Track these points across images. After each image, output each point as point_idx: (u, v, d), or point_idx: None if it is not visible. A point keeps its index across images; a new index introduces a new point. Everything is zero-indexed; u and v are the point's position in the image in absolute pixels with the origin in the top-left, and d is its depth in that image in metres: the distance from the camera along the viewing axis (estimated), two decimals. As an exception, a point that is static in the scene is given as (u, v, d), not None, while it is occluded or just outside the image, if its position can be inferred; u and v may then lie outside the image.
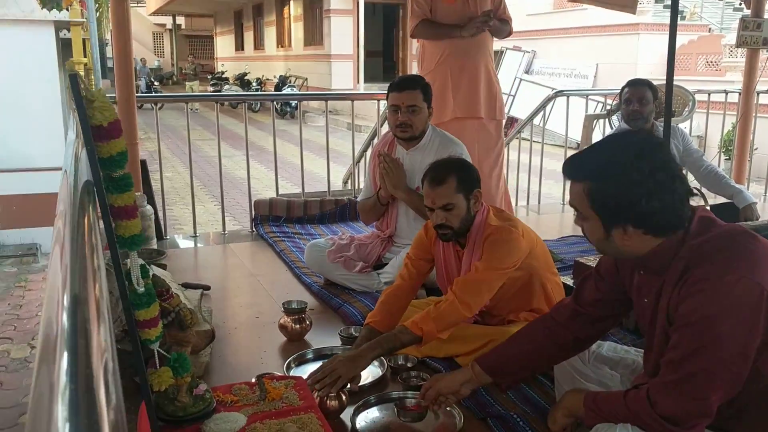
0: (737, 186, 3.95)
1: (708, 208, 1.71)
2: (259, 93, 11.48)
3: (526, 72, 15.69)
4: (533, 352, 1.95)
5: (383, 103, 4.96)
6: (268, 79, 21.15)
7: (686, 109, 5.23)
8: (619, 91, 3.88)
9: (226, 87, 20.25)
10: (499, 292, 2.42)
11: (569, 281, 3.15)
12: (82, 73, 7.46)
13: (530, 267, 2.53)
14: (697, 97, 5.64)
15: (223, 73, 23.83)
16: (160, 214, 4.53)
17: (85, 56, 8.03)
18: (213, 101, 4.64)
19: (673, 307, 1.56)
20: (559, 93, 5.53)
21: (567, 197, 5.35)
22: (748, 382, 1.50)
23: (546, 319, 1.99)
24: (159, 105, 4.55)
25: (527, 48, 16.00)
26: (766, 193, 5.99)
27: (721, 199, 4.06)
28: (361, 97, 5.67)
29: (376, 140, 5.10)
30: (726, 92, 6.02)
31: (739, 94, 5.62)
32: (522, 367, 1.99)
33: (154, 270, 2.95)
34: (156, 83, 21.96)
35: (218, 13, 32.41)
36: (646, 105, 3.73)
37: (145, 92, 19.51)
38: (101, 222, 1.40)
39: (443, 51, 4.02)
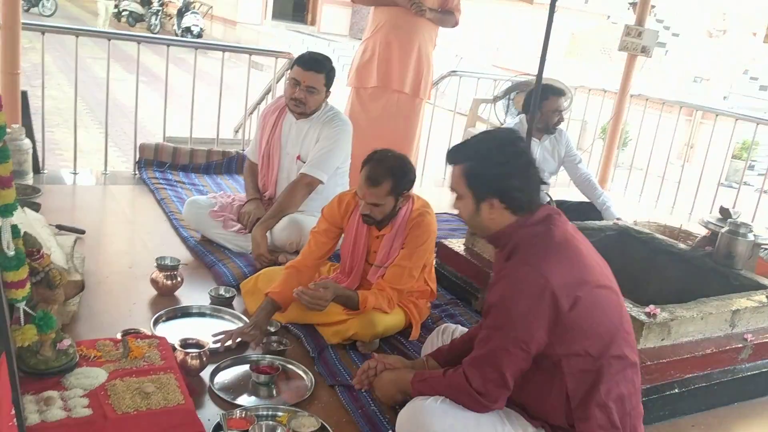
0: (606, 201, 4.35)
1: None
2: (155, 36, 10.74)
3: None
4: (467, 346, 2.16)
5: (281, 61, 5.03)
6: (170, 1, 20.19)
7: (566, 103, 5.60)
8: (509, 78, 4.15)
9: (125, 3, 19.18)
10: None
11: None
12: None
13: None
14: (580, 89, 6.06)
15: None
16: (39, 137, 4.35)
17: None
18: (105, 38, 4.51)
19: (489, 288, 1.88)
20: (453, 72, 5.78)
21: (447, 174, 5.71)
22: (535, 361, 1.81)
23: None
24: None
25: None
26: (626, 184, 6.50)
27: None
28: (259, 53, 5.65)
29: (270, 96, 5.16)
30: (605, 91, 6.48)
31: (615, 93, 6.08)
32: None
33: (27, 213, 2.95)
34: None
35: None
36: (563, 112, 4.14)
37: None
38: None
39: (379, 23, 4.32)
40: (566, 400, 1.82)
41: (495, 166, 1.86)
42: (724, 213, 3.52)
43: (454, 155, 1.94)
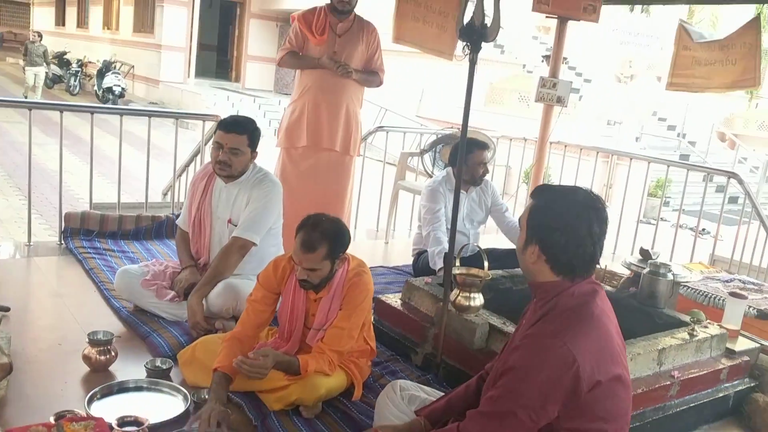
0: None
1: None
2: (78, 104, 10.15)
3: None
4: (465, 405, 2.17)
5: (209, 123, 5.03)
6: (90, 62, 19.91)
7: (489, 155, 5.79)
8: (435, 131, 4.27)
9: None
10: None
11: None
12: None
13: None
14: (502, 139, 6.29)
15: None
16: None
17: None
18: (26, 107, 4.42)
19: (512, 348, 1.89)
20: (380, 128, 5.93)
21: (381, 223, 5.81)
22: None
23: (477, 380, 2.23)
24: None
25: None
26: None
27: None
28: (186, 116, 5.65)
29: (199, 159, 5.15)
30: (525, 139, 6.75)
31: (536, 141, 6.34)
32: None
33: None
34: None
35: (38, -20, 29.95)
36: (487, 164, 4.32)
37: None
38: None
39: (306, 85, 4.43)
40: None
41: (551, 217, 1.87)
42: (645, 254, 3.70)
43: (536, 190, 1.98)
